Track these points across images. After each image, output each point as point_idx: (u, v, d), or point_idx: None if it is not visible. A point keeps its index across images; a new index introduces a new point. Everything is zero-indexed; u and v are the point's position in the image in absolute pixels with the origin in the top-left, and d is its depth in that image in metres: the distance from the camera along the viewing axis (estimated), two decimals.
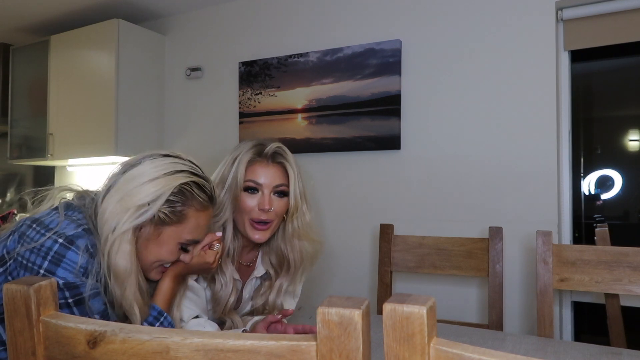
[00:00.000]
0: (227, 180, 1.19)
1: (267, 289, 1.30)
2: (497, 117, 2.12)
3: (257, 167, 1.20)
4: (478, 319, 2.10)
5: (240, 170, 1.18)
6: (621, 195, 2.19)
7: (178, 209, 0.94)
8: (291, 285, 1.31)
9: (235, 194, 1.18)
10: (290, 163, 1.22)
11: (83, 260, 0.85)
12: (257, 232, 1.20)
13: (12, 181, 3.83)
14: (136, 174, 0.94)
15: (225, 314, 1.23)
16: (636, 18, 1.99)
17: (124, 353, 0.52)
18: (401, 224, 2.03)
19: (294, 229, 1.25)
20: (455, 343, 0.43)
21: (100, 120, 2.82)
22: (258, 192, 1.19)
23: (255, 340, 0.48)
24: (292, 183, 1.21)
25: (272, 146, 1.22)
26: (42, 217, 0.90)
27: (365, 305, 0.44)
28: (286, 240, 1.26)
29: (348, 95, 2.41)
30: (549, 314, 1.34)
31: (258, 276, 1.31)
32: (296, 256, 1.27)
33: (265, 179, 1.19)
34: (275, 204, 1.20)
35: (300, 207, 1.23)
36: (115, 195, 0.92)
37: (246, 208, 1.19)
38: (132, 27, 2.89)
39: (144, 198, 0.91)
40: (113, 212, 0.90)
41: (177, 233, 0.96)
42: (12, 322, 0.57)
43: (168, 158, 0.98)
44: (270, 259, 1.30)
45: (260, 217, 1.18)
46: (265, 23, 2.74)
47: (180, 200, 0.94)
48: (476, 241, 1.64)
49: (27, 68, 3.22)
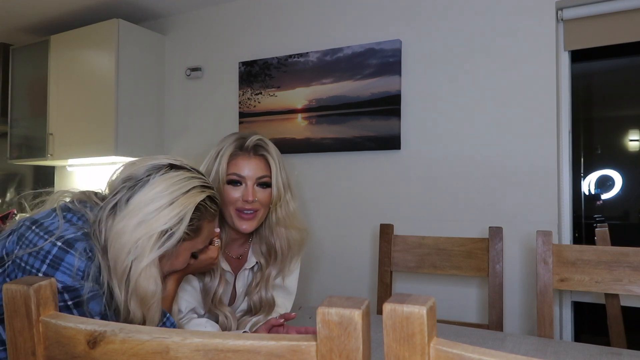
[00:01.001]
0: (212, 174, 1.24)
1: (260, 280, 1.32)
2: (497, 117, 2.12)
3: (239, 161, 1.24)
4: (478, 319, 2.10)
5: (223, 164, 1.23)
6: (621, 195, 2.19)
7: (195, 225, 0.95)
8: (280, 273, 1.34)
9: (219, 187, 1.23)
10: (271, 155, 1.26)
11: (81, 264, 0.85)
12: (244, 221, 1.23)
13: (12, 181, 3.83)
14: (152, 196, 0.91)
15: (215, 305, 1.25)
16: (636, 18, 1.99)
17: (123, 353, 0.52)
18: (401, 224, 2.03)
19: (278, 218, 1.28)
20: (455, 343, 0.43)
21: (100, 120, 2.82)
22: (241, 185, 1.23)
23: (255, 341, 0.48)
24: (274, 174, 1.25)
25: (253, 139, 1.26)
26: (42, 219, 0.89)
27: (365, 305, 0.44)
28: (272, 229, 1.30)
29: (348, 95, 2.41)
30: (549, 314, 1.34)
31: (248, 267, 1.34)
32: (283, 244, 1.30)
33: (248, 172, 1.23)
34: (259, 195, 1.23)
35: (284, 196, 1.27)
36: (132, 219, 0.89)
37: (231, 200, 1.23)
38: (132, 27, 2.89)
39: (167, 223, 0.89)
40: (133, 238, 0.88)
41: (192, 245, 0.98)
42: (12, 322, 0.57)
43: (177, 171, 0.96)
44: (261, 249, 1.33)
45: (245, 206, 1.22)
46: (265, 23, 2.74)
47: (197, 217, 0.95)
48: (476, 241, 1.64)
49: (27, 68, 3.22)
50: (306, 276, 2.45)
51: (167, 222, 0.89)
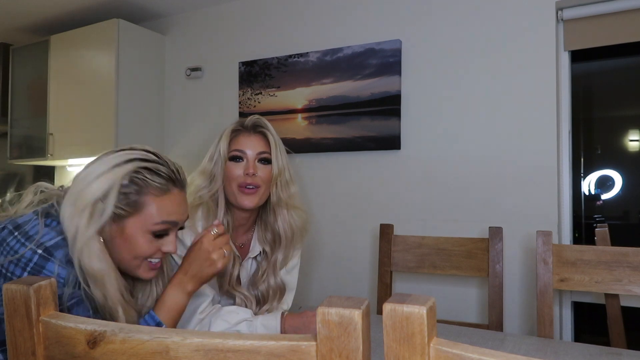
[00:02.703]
0: (215, 154, 1.28)
1: (267, 268, 1.33)
2: (497, 117, 2.12)
3: (240, 138, 1.30)
4: (478, 319, 2.10)
5: (224, 142, 1.28)
6: (621, 195, 2.19)
7: (133, 199, 0.91)
8: (285, 260, 1.35)
9: (222, 164, 1.27)
10: (270, 131, 1.31)
11: (62, 271, 0.85)
12: (246, 196, 1.25)
13: (12, 181, 3.83)
14: (87, 172, 0.91)
15: (233, 287, 1.27)
16: (636, 18, 1.99)
17: (123, 353, 0.52)
18: (401, 224, 2.03)
19: (280, 198, 1.30)
20: (455, 343, 0.43)
21: (100, 120, 2.82)
22: (243, 160, 1.27)
23: (255, 340, 0.48)
24: (273, 150, 1.29)
25: (252, 117, 1.33)
26: (24, 224, 0.89)
27: (365, 305, 0.44)
28: (274, 210, 1.32)
29: (348, 95, 2.41)
30: (549, 314, 1.34)
31: (252, 257, 1.34)
32: (286, 227, 1.32)
33: (249, 147, 1.28)
34: (260, 171, 1.27)
35: (284, 174, 1.30)
36: (69, 198, 0.89)
37: (233, 175, 1.26)
38: (132, 27, 2.89)
39: (94, 194, 0.87)
40: (70, 216, 0.87)
41: (141, 223, 0.92)
42: (12, 322, 0.57)
43: (121, 151, 0.95)
44: (266, 236, 1.34)
45: (247, 180, 1.25)
46: (265, 23, 2.74)
47: (134, 190, 0.91)
48: (476, 241, 1.64)
49: (27, 68, 3.22)
50: (306, 276, 2.45)
51: (96, 193, 0.88)
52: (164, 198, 0.94)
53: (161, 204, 0.93)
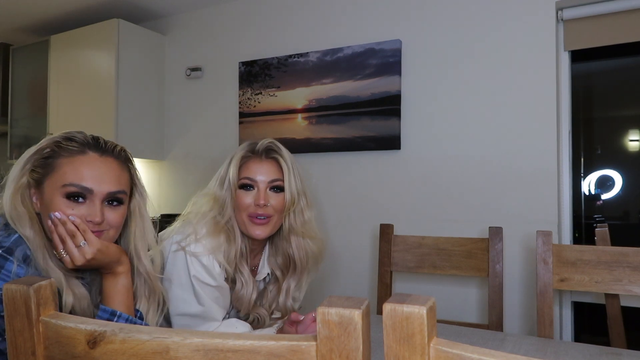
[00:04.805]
0: (225, 180, 1.20)
1: (275, 292, 1.29)
2: (497, 117, 2.12)
3: (250, 164, 1.21)
4: (478, 319, 2.10)
5: (234, 168, 1.20)
6: (621, 195, 2.19)
7: (48, 162, 0.95)
8: (298, 285, 1.30)
9: (233, 193, 1.19)
10: (283, 157, 1.22)
11: (20, 270, 0.86)
12: (257, 227, 1.19)
13: None
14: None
15: (250, 310, 1.24)
16: (636, 18, 1.99)
17: (123, 353, 0.52)
18: (401, 224, 2.03)
19: (292, 225, 1.23)
20: (455, 343, 0.43)
21: (100, 120, 2.82)
22: (254, 189, 1.20)
23: (255, 340, 0.48)
24: (286, 177, 1.20)
25: (264, 142, 1.23)
26: None
27: (365, 305, 0.44)
28: (286, 237, 1.25)
29: (348, 95, 2.41)
30: (549, 314, 1.34)
31: (260, 279, 1.31)
32: (301, 254, 1.26)
33: (260, 175, 1.20)
34: (272, 200, 1.19)
35: (298, 202, 1.22)
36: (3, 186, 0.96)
37: (243, 205, 1.19)
38: (132, 27, 2.89)
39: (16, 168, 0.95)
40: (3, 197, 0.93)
41: (54, 183, 0.94)
42: (12, 322, 0.57)
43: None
44: (277, 260, 1.29)
45: (257, 211, 1.18)
46: (265, 23, 2.74)
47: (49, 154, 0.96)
48: (476, 241, 1.64)
49: (27, 68, 3.22)
50: None
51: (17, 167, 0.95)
52: (77, 159, 0.95)
53: (73, 165, 0.95)
